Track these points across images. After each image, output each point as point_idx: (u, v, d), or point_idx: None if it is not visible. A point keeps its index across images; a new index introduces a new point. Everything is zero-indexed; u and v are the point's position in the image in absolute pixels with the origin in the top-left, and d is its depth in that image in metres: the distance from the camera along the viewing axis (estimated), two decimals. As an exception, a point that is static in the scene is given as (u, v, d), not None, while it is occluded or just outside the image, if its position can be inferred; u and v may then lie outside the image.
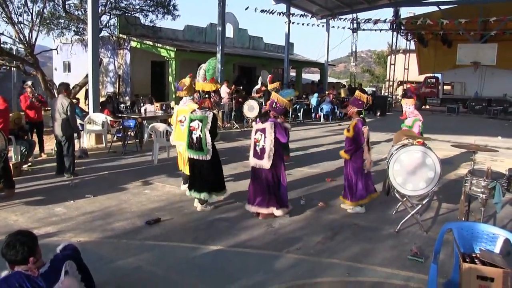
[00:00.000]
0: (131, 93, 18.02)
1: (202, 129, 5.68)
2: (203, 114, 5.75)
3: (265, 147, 5.43)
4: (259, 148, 5.50)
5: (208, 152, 5.69)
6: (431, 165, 5.03)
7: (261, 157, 5.47)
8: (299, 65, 28.12)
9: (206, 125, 5.68)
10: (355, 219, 5.64)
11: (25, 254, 2.67)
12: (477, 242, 3.25)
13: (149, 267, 4.15)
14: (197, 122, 5.75)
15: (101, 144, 10.61)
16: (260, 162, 5.49)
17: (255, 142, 5.58)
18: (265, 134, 5.45)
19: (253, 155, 5.60)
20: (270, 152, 5.42)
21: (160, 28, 19.26)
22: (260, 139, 5.50)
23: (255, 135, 5.59)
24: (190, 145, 5.80)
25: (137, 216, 5.58)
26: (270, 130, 5.43)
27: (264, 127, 5.49)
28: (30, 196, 6.34)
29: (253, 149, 5.61)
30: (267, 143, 5.42)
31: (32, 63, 15.25)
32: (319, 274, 4.09)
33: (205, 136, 5.67)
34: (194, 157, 5.82)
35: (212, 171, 5.84)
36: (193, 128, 5.76)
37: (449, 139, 12.19)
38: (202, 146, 5.69)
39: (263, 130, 5.49)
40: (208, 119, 5.70)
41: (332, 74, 51.45)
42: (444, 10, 22.97)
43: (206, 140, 5.67)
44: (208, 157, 5.71)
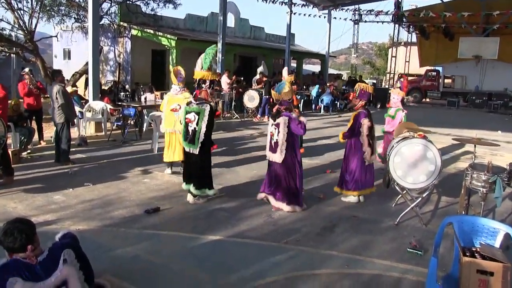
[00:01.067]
0: (131, 81, 17.95)
1: (198, 122, 5.57)
2: (200, 107, 5.63)
3: (278, 141, 5.45)
4: (273, 142, 5.54)
5: (197, 146, 5.59)
6: (432, 158, 5.01)
7: (275, 151, 5.51)
8: (300, 56, 27.99)
9: (203, 118, 5.57)
10: (355, 211, 5.64)
11: (23, 241, 2.66)
12: (477, 236, 3.24)
13: (148, 256, 4.14)
14: (193, 115, 5.63)
15: (101, 132, 10.57)
16: (273, 155, 5.54)
17: (271, 136, 5.61)
18: (279, 129, 5.45)
19: (269, 148, 5.67)
20: (282, 147, 5.43)
21: (161, 16, 19.13)
22: (274, 133, 5.52)
23: (271, 129, 5.62)
24: (186, 137, 5.73)
25: (136, 205, 5.57)
26: (283, 125, 5.43)
27: (278, 122, 5.49)
28: (29, 183, 6.32)
29: (268, 142, 5.68)
30: (280, 137, 5.43)
31: (31, 50, 15.16)
32: (318, 265, 4.10)
33: (201, 129, 5.56)
34: (186, 149, 5.77)
35: (201, 166, 5.71)
36: (189, 120, 5.66)
37: (449, 132, 12.17)
38: (194, 139, 5.60)
39: (277, 125, 5.50)
40: (205, 112, 5.59)
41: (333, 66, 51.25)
42: (446, 3, 22.83)
43: (200, 134, 5.56)
44: (196, 151, 5.62)
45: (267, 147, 5.73)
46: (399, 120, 7.30)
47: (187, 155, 5.83)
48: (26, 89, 8.78)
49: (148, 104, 11.34)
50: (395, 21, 24.31)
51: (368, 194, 6.04)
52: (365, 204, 5.93)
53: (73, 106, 8.22)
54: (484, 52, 23.27)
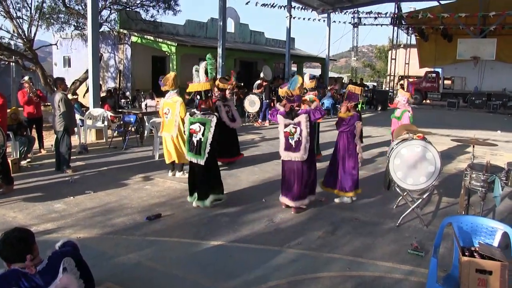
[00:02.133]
0: (132, 88, 18.00)
1: (205, 133, 5.57)
2: (206, 118, 5.63)
3: (301, 139, 5.40)
4: (293, 141, 5.44)
5: (204, 157, 5.59)
6: (431, 159, 5.02)
7: (297, 150, 5.43)
8: (300, 60, 28.06)
9: (210, 129, 5.57)
10: (356, 214, 5.64)
11: (22, 251, 2.64)
12: (477, 236, 3.25)
13: (150, 263, 4.15)
14: (198, 125, 5.62)
15: (102, 140, 10.60)
16: (295, 154, 5.45)
17: (286, 135, 5.49)
18: (300, 127, 5.41)
19: (285, 148, 5.53)
20: (307, 144, 5.41)
21: (161, 23, 19.21)
22: (294, 132, 5.43)
23: (286, 129, 5.50)
24: (190, 148, 5.70)
25: (137, 211, 5.58)
26: (305, 122, 5.40)
27: (299, 120, 5.43)
28: (29, 192, 6.33)
29: (284, 142, 5.52)
30: (303, 135, 5.39)
31: (31, 58, 15.22)
32: (320, 269, 4.10)
33: (207, 140, 5.56)
34: (192, 160, 5.73)
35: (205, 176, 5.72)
36: (193, 131, 5.65)
37: (449, 133, 12.17)
38: (200, 150, 5.60)
39: (298, 124, 5.43)
40: (212, 123, 5.59)
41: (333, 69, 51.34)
42: (444, 5, 22.88)
43: (206, 145, 5.57)
44: (202, 162, 5.62)
45: (282, 147, 5.56)
46: (405, 121, 7.27)
47: (192, 165, 5.80)
48: (26, 97, 8.81)
49: (149, 110, 11.37)
50: (394, 24, 24.37)
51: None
52: (366, 206, 5.94)
53: (74, 114, 8.26)
54: (482, 53, 23.31)
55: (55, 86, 7.84)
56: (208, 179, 5.75)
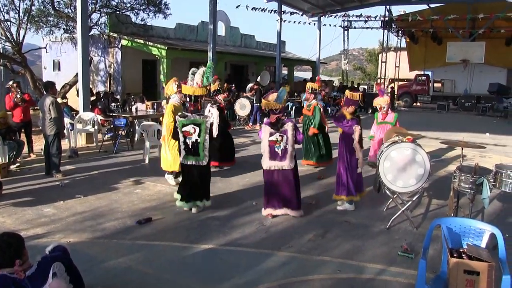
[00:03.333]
0: (122, 92, 17.91)
1: (200, 134, 5.55)
2: (200, 118, 5.61)
3: (288, 147, 5.40)
4: (280, 149, 5.41)
5: (204, 157, 5.59)
6: (421, 162, 5.07)
7: (283, 158, 5.42)
8: (291, 63, 28.15)
9: (205, 130, 5.57)
10: (346, 217, 5.67)
11: (11, 256, 2.61)
12: (465, 237, 3.29)
13: (140, 267, 4.13)
14: (191, 127, 5.56)
15: (92, 144, 10.53)
16: (282, 163, 5.43)
17: (272, 144, 5.44)
18: (287, 135, 5.41)
19: (270, 157, 5.47)
20: (293, 152, 5.43)
21: (151, 26, 19.15)
22: (280, 141, 5.41)
23: (271, 138, 5.44)
24: (186, 150, 5.62)
25: (128, 216, 5.55)
26: (292, 131, 5.41)
27: (285, 129, 5.44)
28: (19, 197, 6.27)
29: (269, 152, 5.46)
30: (289, 143, 5.40)
31: (20, 62, 15.08)
32: (311, 271, 4.11)
33: (204, 141, 5.56)
34: (192, 162, 5.64)
35: (207, 177, 5.79)
36: (187, 133, 5.59)
37: (438, 136, 12.28)
38: (198, 150, 5.58)
39: (284, 132, 5.42)
40: (207, 123, 5.60)
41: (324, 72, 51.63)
42: (433, 8, 23.15)
43: (204, 145, 5.56)
44: (205, 162, 5.62)
45: (266, 157, 5.49)
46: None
47: (190, 169, 5.69)
48: (12, 102, 8.72)
49: (139, 114, 11.33)
50: (384, 27, 24.59)
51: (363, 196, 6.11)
52: (356, 209, 5.96)
53: (63, 118, 8.21)
54: (471, 56, 23.64)
55: (45, 90, 7.77)
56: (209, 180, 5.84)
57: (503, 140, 12.62)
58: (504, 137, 13.19)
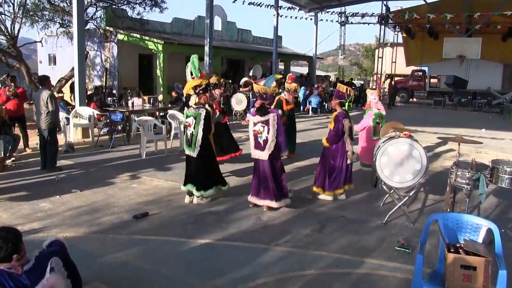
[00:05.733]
0: (118, 86, 17.82)
1: (195, 126, 5.68)
2: (197, 111, 5.73)
3: (268, 138, 5.44)
4: (261, 139, 5.49)
5: (195, 150, 5.70)
6: (418, 157, 5.08)
7: (263, 149, 5.49)
8: (288, 58, 28.08)
9: (199, 122, 5.66)
10: (343, 212, 5.68)
11: (9, 251, 2.60)
12: (462, 233, 3.30)
13: (137, 262, 4.13)
14: (191, 119, 5.76)
15: (88, 138, 10.49)
16: (262, 153, 5.51)
17: (255, 134, 5.54)
18: (268, 126, 5.44)
19: (255, 147, 5.59)
20: (272, 144, 5.44)
21: (148, 20, 19.03)
22: (262, 131, 5.47)
23: (255, 127, 5.55)
24: (186, 140, 5.85)
25: (124, 210, 5.54)
26: (273, 121, 5.43)
27: (267, 119, 5.47)
28: (14, 191, 6.23)
29: (254, 141, 5.59)
30: (270, 134, 5.42)
31: (15, 56, 14.95)
32: (308, 266, 4.12)
33: (197, 133, 5.67)
34: (187, 152, 5.86)
35: (201, 168, 5.81)
36: (188, 124, 5.80)
37: (435, 131, 12.32)
38: (191, 143, 5.72)
39: (265, 122, 5.46)
40: (201, 116, 5.68)
41: (320, 67, 51.49)
42: (430, 4, 23.13)
43: (197, 138, 5.67)
44: (194, 155, 5.73)
45: (252, 146, 5.65)
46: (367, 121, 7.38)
47: (188, 158, 5.92)
48: (4, 97, 8.66)
49: (135, 109, 11.28)
50: (381, 23, 24.56)
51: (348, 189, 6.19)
52: (353, 204, 5.98)
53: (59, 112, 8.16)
54: (468, 52, 23.64)
55: (41, 84, 7.69)
56: (205, 171, 5.85)
57: (499, 136, 12.67)
58: (500, 133, 13.24)
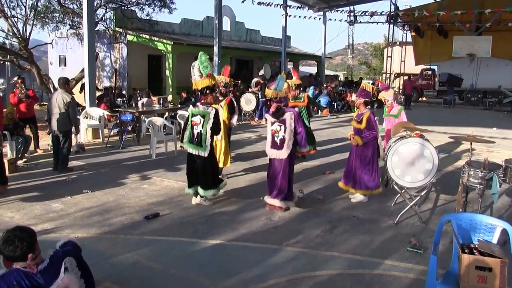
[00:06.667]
0: (128, 87, 17.94)
1: (204, 125, 5.65)
2: (205, 110, 5.70)
3: (285, 137, 5.42)
4: (278, 139, 5.48)
5: (206, 148, 5.67)
6: (429, 156, 5.03)
7: (280, 147, 5.47)
8: (296, 58, 28.08)
9: (208, 121, 5.64)
10: (354, 212, 5.65)
11: (24, 250, 2.62)
12: (475, 233, 3.26)
13: (148, 262, 4.14)
14: (198, 118, 5.71)
15: (98, 139, 10.56)
16: (279, 152, 5.49)
17: (272, 133, 5.55)
18: (285, 125, 5.43)
19: (271, 146, 5.58)
20: (290, 142, 5.42)
21: (157, 21, 19.15)
22: (279, 130, 5.47)
23: (272, 127, 5.55)
24: (191, 139, 5.78)
25: (135, 211, 5.56)
26: (290, 120, 5.42)
27: (284, 118, 5.47)
28: (26, 192, 6.29)
29: (271, 140, 5.58)
30: (287, 133, 5.41)
31: (26, 58, 15.13)
32: (319, 267, 4.10)
33: (206, 132, 5.64)
34: (193, 152, 5.78)
35: (209, 167, 5.80)
36: (195, 123, 5.74)
37: (446, 130, 12.22)
38: (201, 141, 5.67)
39: (282, 121, 5.46)
40: (210, 115, 5.66)
41: (329, 67, 51.37)
42: (440, 2, 22.92)
43: (206, 137, 5.65)
44: (206, 154, 5.69)
45: (268, 145, 5.64)
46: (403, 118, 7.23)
47: (192, 157, 5.84)
48: (16, 98, 8.75)
49: (145, 109, 11.34)
50: (389, 21, 24.41)
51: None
52: (364, 204, 5.94)
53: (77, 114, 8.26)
54: (478, 50, 23.41)
55: (60, 86, 7.67)
56: (212, 170, 5.84)
57: (511, 135, 12.51)
58: (512, 132, 13.09)
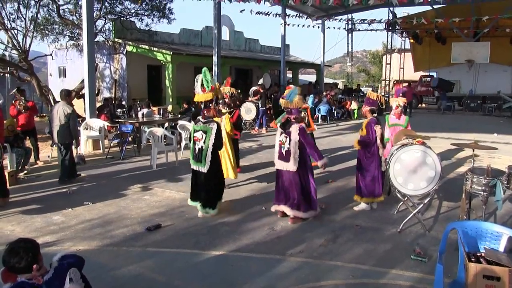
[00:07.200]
0: (127, 97, 17.96)
1: (206, 140, 5.60)
2: (207, 126, 5.66)
3: (290, 149, 5.39)
4: (284, 150, 5.46)
5: (205, 165, 5.60)
6: (432, 164, 5.00)
7: (287, 160, 5.42)
8: (296, 66, 28.13)
9: (210, 137, 5.59)
10: (357, 220, 5.61)
11: (30, 261, 2.62)
12: (482, 241, 3.22)
13: (151, 274, 4.10)
14: (200, 133, 5.67)
15: (99, 150, 10.54)
16: (286, 164, 5.44)
17: (280, 144, 5.53)
18: (290, 137, 5.40)
19: (278, 157, 5.55)
20: (296, 155, 5.37)
21: (156, 32, 19.20)
22: (285, 141, 5.44)
23: (280, 137, 5.54)
24: (193, 155, 5.75)
25: (137, 222, 5.52)
26: (295, 133, 5.39)
27: (290, 130, 5.44)
28: (27, 205, 6.26)
29: (278, 151, 5.56)
30: (292, 145, 5.38)
31: (26, 69, 15.16)
32: (323, 277, 4.06)
33: (208, 148, 5.58)
34: (194, 167, 5.77)
35: (210, 184, 5.71)
36: (196, 139, 5.70)
37: (447, 137, 12.20)
38: (201, 158, 5.62)
39: (288, 133, 5.43)
40: (212, 131, 5.61)
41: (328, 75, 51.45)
42: (437, 9, 23.03)
43: (207, 153, 5.58)
44: (205, 170, 5.62)
45: (275, 156, 5.60)
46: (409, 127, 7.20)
47: (195, 172, 5.82)
48: (15, 110, 8.75)
49: (146, 120, 11.33)
50: (388, 29, 24.52)
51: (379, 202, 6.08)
52: (367, 213, 5.91)
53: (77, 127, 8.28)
54: (476, 56, 23.47)
55: (61, 98, 7.70)
56: (214, 187, 5.76)
57: (512, 140, 12.50)
58: (512, 137, 13.06)
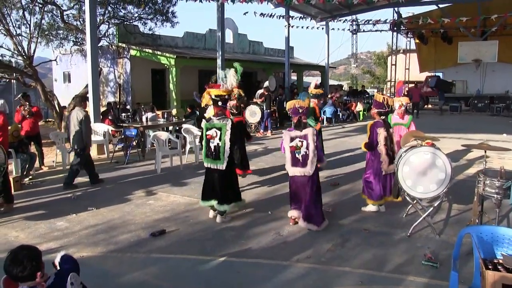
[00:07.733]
0: (132, 101, 17.95)
1: (221, 137, 5.56)
2: (221, 122, 5.61)
3: (308, 153, 5.24)
4: (300, 155, 5.26)
5: (224, 161, 5.56)
6: (441, 166, 4.88)
7: (304, 165, 5.25)
8: (300, 68, 28.03)
9: (226, 133, 5.55)
10: (365, 224, 5.49)
11: (33, 269, 2.57)
12: (498, 247, 3.09)
13: (155, 281, 4.02)
14: (214, 130, 5.61)
15: (103, 155, 10.49)
16: (304, 169, 5.26)
17: (292, 150, 5.31)
18: (307, 141, 5.26)
19: (292, 164, 5.33)
20: (314, 158, 5.24)
21: (159, 35, 19.21)
22: (301, 146, 5.26)
23: (292, 143, 5.31)
24: (207, 154, 5.67)
25: (141, 228, 5.44)
26: (312, 136, 5.25)
27: (305, 134, 5.27)
28: (31, 210, 6.21)
29: (291, 157, 5.33)
30: (310, 149, 5.23)
31: (31, 75, 15.18)
32: (331, 283, 3.95)
33: (225, 144, 5.54)
34: (210, 166, 5.68)
35: (228, 181, 5.69)
36: (210, 137, 5.64)
37: (456, 137, 12.03)
38: (219, 155, 5.57)
39: (304, 137, 5.26)
40: (227, 126, 5.57)
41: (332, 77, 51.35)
42: (443, 8, 22.85)
43: (225, 149, 5.54)
44: (223, 166, 5.57)
45: (289, 163, 5.36)
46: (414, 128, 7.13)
47: (210, 171, 5.75)
48: (20, 116, 8.73)
49: (150, 124, 11.28)
50: (393, 29, 24.36)
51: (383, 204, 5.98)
52: (375, 216, 5.79)
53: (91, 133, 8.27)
54: (484, 55, 23.21)
55: (78, 104, 7.76)
56: (231, 184, 5.73)
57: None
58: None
